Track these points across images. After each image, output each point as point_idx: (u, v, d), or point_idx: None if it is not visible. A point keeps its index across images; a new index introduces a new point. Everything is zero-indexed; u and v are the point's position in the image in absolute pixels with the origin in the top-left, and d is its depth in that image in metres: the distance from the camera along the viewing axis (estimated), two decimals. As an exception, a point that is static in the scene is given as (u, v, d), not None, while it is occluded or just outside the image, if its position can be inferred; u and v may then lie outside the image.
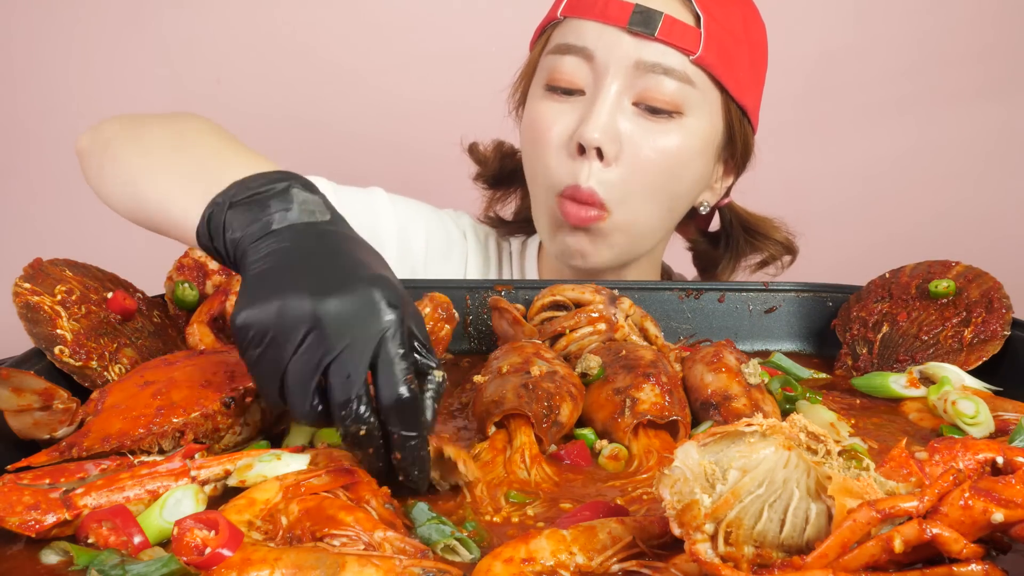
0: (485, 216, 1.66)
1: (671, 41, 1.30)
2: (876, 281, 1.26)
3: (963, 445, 0.66)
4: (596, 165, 1.32)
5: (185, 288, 1.16)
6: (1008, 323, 1.12)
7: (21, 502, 0.73)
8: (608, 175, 1.32)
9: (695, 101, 1.33)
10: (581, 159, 1.32)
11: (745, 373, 1.00)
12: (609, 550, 0.68)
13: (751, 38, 1.39)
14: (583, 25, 1.34)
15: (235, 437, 0.89)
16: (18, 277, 1.02)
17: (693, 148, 1.35)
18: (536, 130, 1.39)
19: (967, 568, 0.59)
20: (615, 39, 1.31)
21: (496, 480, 0.85)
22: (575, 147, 1.32)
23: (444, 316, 1.22)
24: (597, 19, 1.33)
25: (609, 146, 1.31)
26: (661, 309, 1.29)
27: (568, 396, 0.97)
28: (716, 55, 1.32)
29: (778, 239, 1.57)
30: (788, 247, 1.59)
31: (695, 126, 1.34)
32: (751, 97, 1.41)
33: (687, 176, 1.37)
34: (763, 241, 1.57)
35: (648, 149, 1.32)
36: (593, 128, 1.30)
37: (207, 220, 0.87)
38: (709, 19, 1.32)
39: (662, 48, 1.30)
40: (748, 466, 0.62)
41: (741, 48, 1.37)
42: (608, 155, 1.31)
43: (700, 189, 1.44)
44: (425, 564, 0.65)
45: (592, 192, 1.32)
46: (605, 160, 1.31)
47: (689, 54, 1.31)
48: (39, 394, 0.84)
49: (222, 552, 0.66)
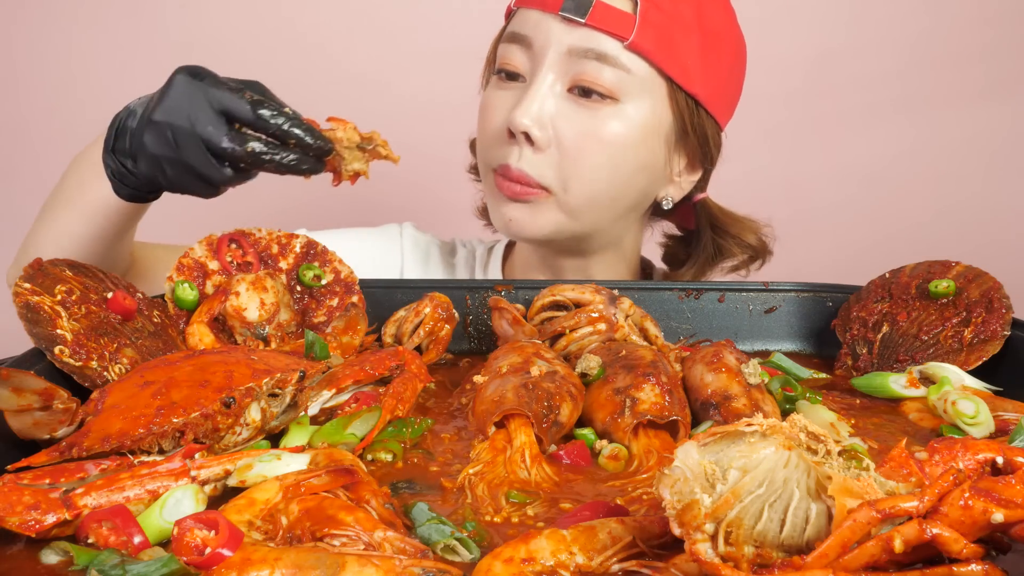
0: (480, 211, 1.68)
1: (601, 26, 1.30)
2: (876, 281, 1.26)
3: (963, 445, 0.66)
4: (527, 150, 1.34)
5: (185, 288, 1.16)
6: (1008, 323, 1.12)
7: (21, 502, 0.73)
8: (541, 159, 1.34)
9: (632, 88, 1.33)
10: (512, 142, 1.35)
11: (745, 373, 1.00)
12: (609, 550, 0.68)
13: (707, 26, 1.37)
14: (527, 14, 1.38)
15: (235, 437, 0.89)
16: (18, 277, 1.02)
17: (631, 135, 1.35)
18: (482, 115, 1.43)
19: (967, 568, 0.59)
20: (549, 25, 1.33)
21: (496, 480, 0.85)
22: (505, 131, 1.36)
23: (444, 316, 1.22)
24: (536, 7, 1.36)
25: (538, 132, 1.32)
26: (661, 309, 1.29)
27: (568, 396, 0.97)
28: (654, 41, 1.31)
29: (748, 241, 1.54)
30: (758, 251, 1.56)
31: (633, 113, 1.34)
32: (706, 86, 1.38)
33: (627, 164, 1.37)
34: (729, 241, 1.54)
35: (580, 134, 1.33)
36: (522, 114, 1.32)
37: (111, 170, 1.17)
38: (648, 5, 1.31)
39: (594, 34, 1.31)
40: (748, 466, 0.62)
41: (690, 35, 1.35)
42: (538, 141, 1.33)
43: (652, 180, 1.43)
44: (425, 564, 0.65)
45: (522, 173, 1.35)
46: (536, 146, 1.34)
47: (622, 39, 1.30)
48: (39, 394, 0.84)
49: (222, 552, 0.66)
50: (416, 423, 0.97)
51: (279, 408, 0.93)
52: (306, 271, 1.21)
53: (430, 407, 1.06)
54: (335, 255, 1.25)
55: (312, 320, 1.20)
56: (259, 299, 1.14)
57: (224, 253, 1.20)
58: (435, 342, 1.21)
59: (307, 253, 1.24)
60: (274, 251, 1.23)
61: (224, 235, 1.22)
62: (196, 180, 1.09)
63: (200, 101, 1.06)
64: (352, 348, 1.15)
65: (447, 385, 1.14)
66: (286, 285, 1.19)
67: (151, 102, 1.10)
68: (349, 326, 1.16)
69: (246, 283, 1.14)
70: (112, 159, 1.16)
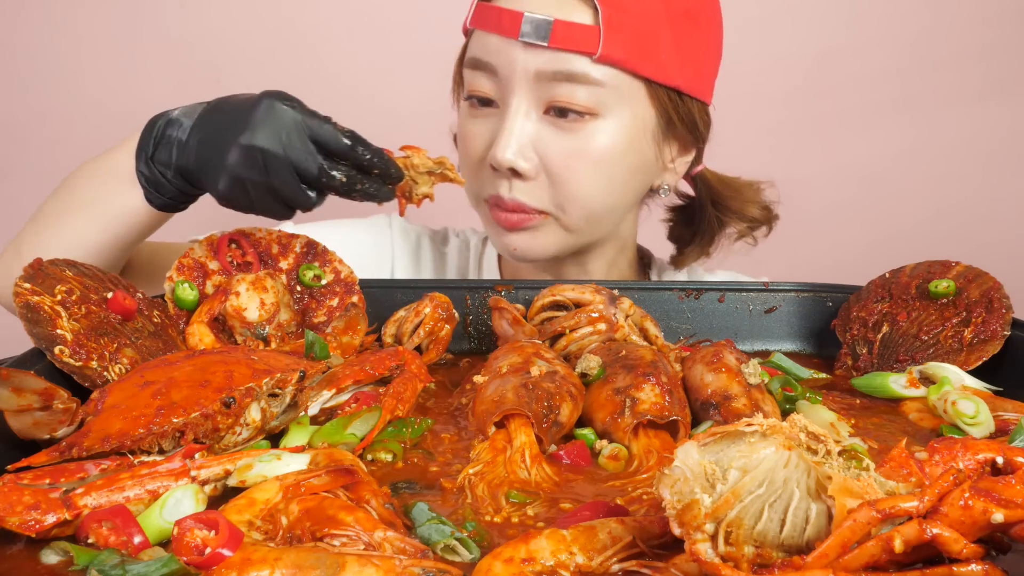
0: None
1: (566, 47, 1.25)
2: (876, 281, 1.26)
3: (963, 445, 0.66)
4: (516, 181, 1.32)
5: (185, 288, 1.16)
6: (1008, 323, 1.12)
7: (21, 502, 0.73)
8: (532, 188, 1.32)
9: (610, 99, 1.28)
10: (498, 175, 1.33)
11: (745, 373, 1.00)
12: (609, 550, 0.68)
13: (673, 9, 1.30)
14: (486, 39, 1.32)
15: (235, 437, 0.89)
16: (18, 277, 1.02)
17: (619, 145, 1.31)
18: (462, 145, 1.40)
19: (967, 568, 0.59)
20: (511, 52, 1.28)
21: (496, 480, 0.85)
22: (490, 166, 1.33)
23: (444, 316, 1.22)
24: (495, 31, 1.30)
25: (524, 164, 1.30)
26: (661, 309, 1.29)
27: (568, 396, 0.97)
28: (623, 47, 1.25)
29: (751, 214, 1.49)
30: (762, 217, 1.51)
31: (615, 125, 1.30)
32: (685, 73, 1.32)
33: (621, 170, 1.33)
34: (731, 217, 1.49)
35: (566, 156, 1.30)
36: (503, 149, 1.29)
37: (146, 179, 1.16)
38: (609, 10, 1.25)
39: (559, 55, 1.26)
40: (748, 466, 0.62)
41: (659, 26, 1.28)
42: (526, 172, 1.30)
43: (647, 177, 1.40)
44: (425, 564, 0.65)
45: (517, 203, 1.32)
46: (524, 176, 1.31)
47: (590, 55, 1.25)
48: (39, 394, 0.84)
49: (222, 552, 0.66)
50: (416, 423, 0.97)
51: (279, 408, 0.93)
52: (306, 271, 1.21)
53: (430, 407, 1.06)
54: (335, 255, 1.25)
55: (312, 320, 1.20)
56: (259, 299, 1.14)
57: (224, 253, 1.20)
58: (435, 342, 1.21)
59: (307, 253, 1.24)
60: (274, 251, 1.23)
61: (224, 235, 1.22)
62: (279, 204, 1.10)
63: (294, 128, 1.06)
64: (352, 348, 1.15)
65: (447, 385, 1.14)
66: (286, 285, 1.19)
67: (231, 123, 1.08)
68: (349, 326, 1.16)
69: (246, 283, 1.14)
70: (149, 168, 1.15)
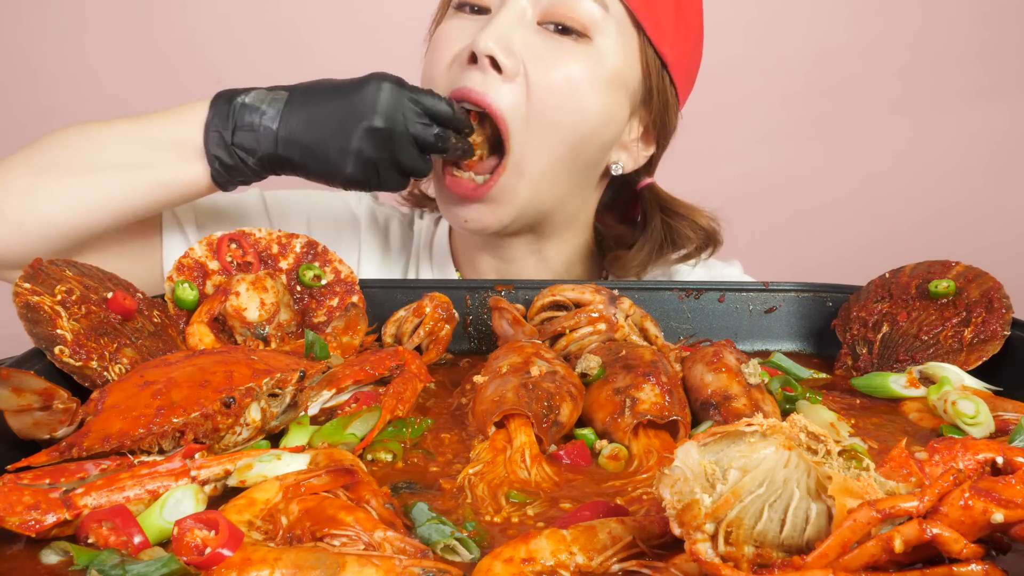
0: (409, 194, 1.60)
1: None
2: (876, 281, 1.26)
3: (963, 445, 0.66)
4: (492, 75, 1.24)
5: (185, 288, 1.16)
6: (1008, 323, 1.12)
7: (21, 502, 0.73)
8: (509, 89, 1.24)
9: (606, 28, 1.27)
10: (471, 67, 1.25)
11: (745, 373, 1.00)
12: (609, 550, 0.68)
13: None
14: None
15: (235, 437, 0.89)
16: (18, 277, 1.02)
17: (599, 77, 1.27)
18: (435, 48, 1.33)
19: (967, 568, 0.59)
20: None
21: (496, 480, 0.85)
22: (466, 56, 1.25)
23: (444, 316, 1.22)
24: None
25: (505, 58, 1.23)
26: (661, 309, 1.29)
27: (568, 396, 0.97)
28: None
29: (700, 223, 1.48)
30: (710, 235, 1.49)
31: (605, 54, 1.27)
32: (674, 50, 1.33)
33: (593, 109, 1.28)
34: (682, 223, 1.47)
35: (550, 68, 1.25)
36: (487, 36, 1.22)
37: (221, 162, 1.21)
38: None
39: None
40: (748, 466, 0.62)
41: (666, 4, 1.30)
42: (505, 68, 1.23)
43: (611, 137, 1.35)
44: (425, 564, 0.65)
45: (484, 96, 1.24)
46: (504, 73, 1.24)
47: None
48: (39, 394, 0.84)
49: (222, 552, 0.66)
50: (416, 423, 0.97)
51: (279, 408, 0.93)
52: (306, 271, 1.21)
53: (430, 407, 1.06)
54: (335, 255, 1.25)
55: (312, 320, 1.20)
56: (259, 299, 1.14)
57: (224, 253, 1.20)
58: (435, 342, 1.21)
59: (307, 253, 1.24)
60: (274, 251, 1.23)
61: (224, 235, 1.22)
62: (401, 176, 1.23)
63: (408, 105, 1.18)
64: (352, 348, 1.15)
65: (447, 385, 1.14)
66: (286, 285, 1.19)
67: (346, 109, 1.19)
68: (349, 326, 1.16)
69: (246, 283, 1.14)
70: (229, 153, 1.20)
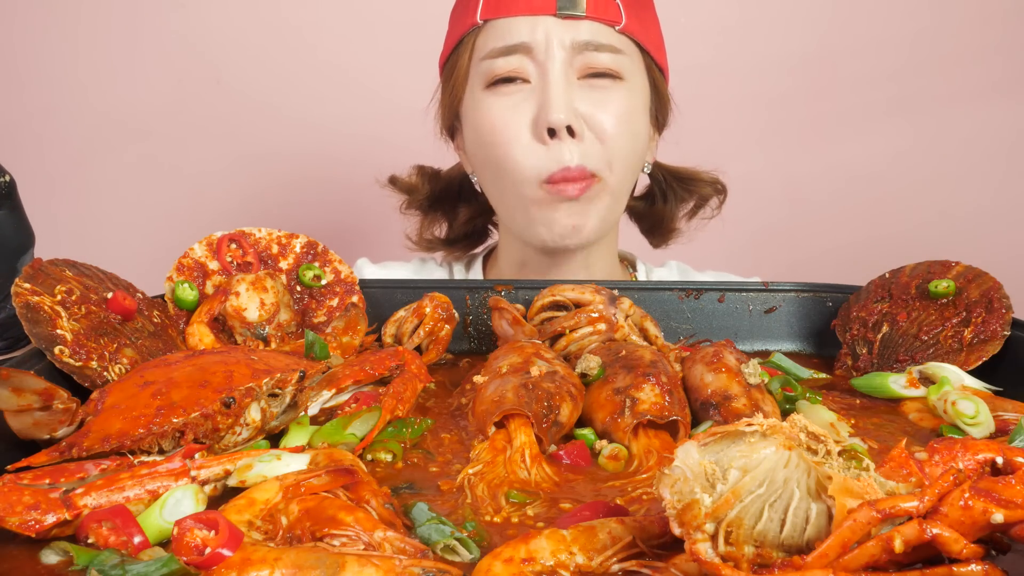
0: (420, 239, 1.68)
1: (598, 16, 1.38)
2: (876, 281, 1.26)
3: (963, 445, 0.66)
4: (570, 142, 1.36)
5: (185, 288, 1.16)
6: (1008, 323, 1.12)
7: (21, 502, 0.73)
8: (586, 148, 1.37)
9: (628, 66, 1.41)
10: (555, 142, 1.36)
11: (745, 373, 1.00)
12: (609, 550, 0.68)
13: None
14: (512, 23, 1.38)
15: (235, 437, 0.89)
16: (18, 277, 1.02)
17: (638, 107, 1.44)
18: (492, 130, 1.40)
19: (967, 568, 0.59)
20: (549, 27, 1.37)
21: (496, 480, 0.85)
22: (543, 133, 1.35)
23: (444, 316, 1.22)
24: (525, 13, 1.37)
25: (576, 122, 1.36)
26: (661, 309, 1.29)
27: (568, 396, 0.97)
28: (636, 22, 1.42)
29: (707, 180, 1.66)
30: (718, 186, 1.67)
31: (633, 88, 1.42)
32: (659, 51, 1.49)
33: (641, 133, 1.45)
34: (695, 184, 1.66)
35: (606, 115, 1.38)
36: (557, 110, 1.34)
37: None
38: None
39: (592, 25, 1.38)
40: (748, 466, 0.62)
41: (649, 11, 1.47)
42: (579, 131, 1.36)
43: (646, 143, 1.51)
44: (425, 564, 0.65)
45: (582, 168, 1.36)
46: (577, 136, 1.36)
47: (615, 25, 1.39)
48: (39, 394, 0.84)
49: (222, 552, 0.66)
50: (416, 423, 0.97)
51: (279, 408, 0.93)
52: (306, 271, 1.21)
53: (430, 407, 1.06)
54: (335, 255, 1.25)
55: (312, 320, 1.20)
56: (259, 299, 1.14)
57: (224, 253, 1.20)
58: (435, 342, 1.21)
59: (307, 253, 1.24)
60: (274, 251, 1.23)
61: (224, 235, 1.22)
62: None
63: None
64: (352, 348, 1.15)
65: (447, 385, 1.14)
66: (286, 285, 1.19)
67: None
68: (349, 326, 1.16)
69: (246, 283, 1.14)
70: None
